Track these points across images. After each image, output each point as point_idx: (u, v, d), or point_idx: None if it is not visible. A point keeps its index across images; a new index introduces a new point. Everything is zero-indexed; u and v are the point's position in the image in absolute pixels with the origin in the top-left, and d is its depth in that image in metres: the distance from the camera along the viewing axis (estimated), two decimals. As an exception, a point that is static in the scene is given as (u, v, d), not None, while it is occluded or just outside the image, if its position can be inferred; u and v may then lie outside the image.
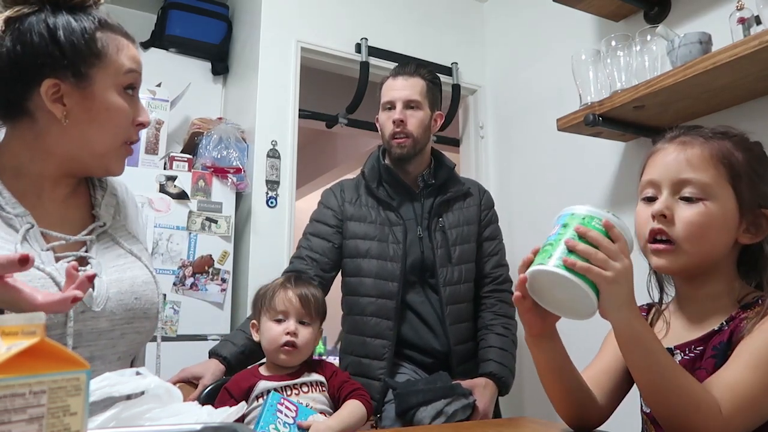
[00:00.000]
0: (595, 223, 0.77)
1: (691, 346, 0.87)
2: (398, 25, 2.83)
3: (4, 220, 0.88)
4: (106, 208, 1.03)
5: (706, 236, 0.86)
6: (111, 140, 0.94)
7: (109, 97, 0.91)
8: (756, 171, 0.88)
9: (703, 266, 0.89)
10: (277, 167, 2.46)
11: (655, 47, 1.78)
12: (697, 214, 0.86)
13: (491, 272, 1.81)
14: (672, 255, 0.88)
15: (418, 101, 1.74)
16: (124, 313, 0.92)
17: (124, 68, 0.92)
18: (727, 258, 0.89)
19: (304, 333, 1.31)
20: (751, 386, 0.76)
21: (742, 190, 0.86)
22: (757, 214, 0.87)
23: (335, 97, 3.03)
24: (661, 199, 0.89)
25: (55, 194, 0.96)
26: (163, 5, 2.75)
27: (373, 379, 1.62)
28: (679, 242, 0.86)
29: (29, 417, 0.38)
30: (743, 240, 0.87)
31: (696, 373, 0.84)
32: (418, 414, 1.48)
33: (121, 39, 0.94)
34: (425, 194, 1.78)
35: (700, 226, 0.86)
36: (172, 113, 2.52)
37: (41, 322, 0.40)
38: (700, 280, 0.91)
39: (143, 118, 0.97)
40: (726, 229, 0.87)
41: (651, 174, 0.92)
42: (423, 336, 1.69)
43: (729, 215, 0.86)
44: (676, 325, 0.94)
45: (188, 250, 2.22)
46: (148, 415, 0.68)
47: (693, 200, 0.86)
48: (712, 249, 0.87)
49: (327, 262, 1.72)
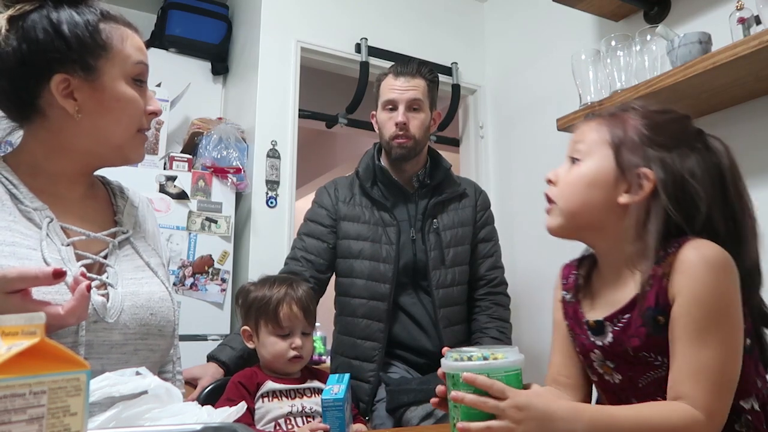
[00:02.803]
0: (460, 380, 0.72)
1: (619, 315, 0.86)
2: (398, 25, 2.83)
3: (23, 213, 0.87)
4: (128, 216, 1.03)
5: (574, 193, 0.89)
6: (125, 131, 0.94)
7: (118, 88, 0.91)
8: (645, 135, 0.87)
9: (583, 227, 0.91)
10: (277, 167, 2.46)
11: (655, 47, 1.78)
12: (569, 173, 0.91)
13: (486, 274, 1.78)
14: (551, 214, 0.92)
15: (420, 103, 1.72)
16: (138, 327, 0.90)
17: (132, 59, 0.92)
18: (610, 217, 0.88)
19: (308, 344, 1.32)
20: (708, 365, 0.75)
21: (621, 151, 0.87)
22: (637, 175, 0.85)
23: (335, 97, 3.02)
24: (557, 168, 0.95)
25: (72, 193, 0.95)
26: (163, 5, 2.75)
27: (362, 381, 1.61)
28: (557, 201, 0.91)
29: (29, 417, 0.38)
30: (622, 200, 0.86)
31: (630, 341, 0.84)
32: (408, 413, 1.47)
33: (125, 29, 0.94)
34: (420, 195, 1.76)
35: (569, 184, 0.90)
36: (172, 113, 2.52)
37: (41, 322, 0.40)
38: (586, 240, 0.94)
39: (154, 106, 0.97)
40: (596, 186, 0.87)
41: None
42: (415, 336, 1.68)
43: (601, 173, 0.87)
44: (603, 291, 0.93)
45: (188, 250, 2.22)
46: (148, 415, 0.68)
47: (575, 162, 0.91)
48: (582, 206, 0.88)
49: (322, 263, 1.71)
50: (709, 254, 0.79)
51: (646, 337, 0.82)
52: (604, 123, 0.90)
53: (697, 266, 0.78)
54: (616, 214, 0.87)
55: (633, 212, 0.85)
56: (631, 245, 0.85)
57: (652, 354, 0.83)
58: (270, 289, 1.33)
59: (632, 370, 0.87)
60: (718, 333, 0.77)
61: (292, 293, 1.32)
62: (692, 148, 0.86)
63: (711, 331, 0.76)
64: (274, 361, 1.29)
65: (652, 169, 0.84)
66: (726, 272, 0.79)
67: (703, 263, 0.78)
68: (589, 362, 0.93)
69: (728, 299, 0.78)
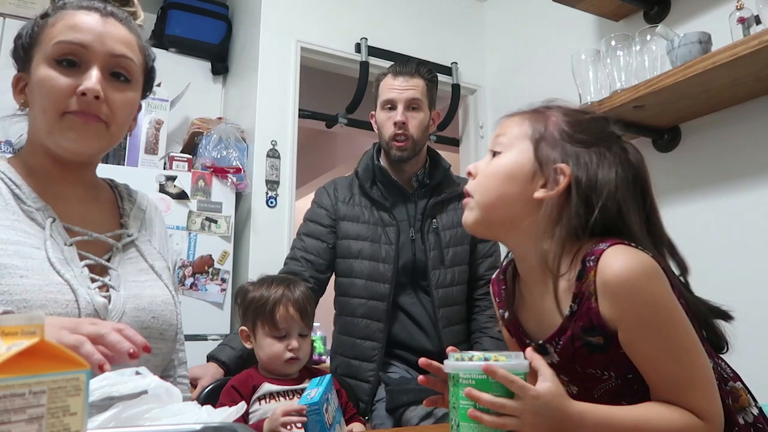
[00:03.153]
0: (472, 377, 0.69)
1: (555, 338, 0.84)
2: (398, 25, 2.83)
3: (26, 213, 0.87)
4: (135, 220, 1.02)
5: (490, 186, 0.87)
6: (45, 114, 0.88)
7: (38, 72, 0.88)
8: (566, 132, 0.86)
9: (497, 220, 0.88)
10: (276, 167, 2.46)
11: (655, 47, 1.78)
12: (488, 165, 0.88)
13: (485, 274, 1.78)
14: (468, 208, 0.90)
15: (419, 102, 1.72)
16: (140, 330, 0.88)
17: (54, 39, 0.88)
18: (525, 212, 0.85)
19: (305, 345, 1.31)
20: (688, 374, 0.74)
21: (541, 145, 0.85)
22: (554, 170, 0.84)
23: (335, 97, 3.02)
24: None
25: (72, 194, 0.95)
26: (163, 5, 2.75)
27: (362, 380, 1.61)
28: (473, 195, 0.89)
29: (29, 417, 0.38)
30: (537, 194, 0.84)
31: (575, 360, 0.82)
32: (407, 413, 1.47)
33: (69, 11, 0.91)
34: (419, 195, 1.76)
35: (486, 176, 0.88)
36: (171, 113, 2.52)
37: (41, 322, 0.40)
38: (502, 238, 0.92)
39: (83, 86, 0.86)
40: (512, 180, 0.85)
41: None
42: (415, 336, 1.68)
43: (519, 167, 0.85)
44: (531, 301, 0.91)
45: (188, 250, 2.22)
46: (148, 415, 0.68)
47: (495, 155, 0.89)
48: (498, 199, 0.86)
49: (322, 263, 1.71)
50: (632, 266, 0.75)
51: (588, 355, 0.81)
52: (527, 117, 0.90)
53: (627, 286, 0.74)
54: (531, 210, 0.85)
55: (546, 207, 0.83)
56: (544, 244, 0.82)
57: (599, 371, 0.82)
58: (267, 289, 1.32)
59: (585, 384, 0.86)
60: (678, 341, 0.75)
61: (289, 295, 1.31)
62: (609, 149, 0.85)
63: (671, 342, 0.75)
64: (270, 363, 1.29)
65: (569, 165, 0.83)
66: (655, 279, 0.76)
67: (632, 280, 0.74)
68: None
69: (670, 304, 0.76)
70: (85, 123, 0.88)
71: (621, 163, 0.85)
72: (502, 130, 0.91)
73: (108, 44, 0.89)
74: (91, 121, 0.88)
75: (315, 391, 1.06)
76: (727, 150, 1.84)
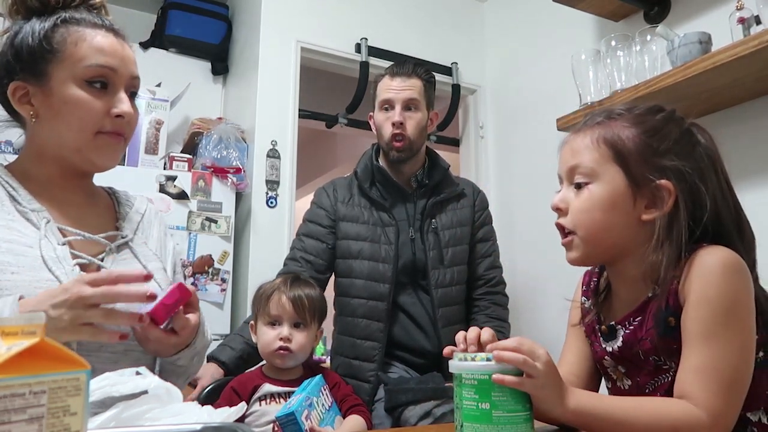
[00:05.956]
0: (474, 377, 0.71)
1: (630, 318, 0.85)
2: (398, 25, 2.83)
3: (21, 214, 0.90)
4: (130, 223, 1.05)
5: (593, 219, 0.84)
6: (78, 134, 0.92)
7: (66, 91, 0.91)
8: (649, 144, 0.83)
9: (608, 251, 0.86)
10: (276, 167, 2.46)
11: (655, 47, 1.78)
12: (581, 200, 0.85)
13: (484, 274, 1.79)
14: (572, 246, 0.87)
15: (416, 103, 1.73)
16: (130, 329, 0.90)
17: (84, 61, 0.91)
18: (636, 238, 0.84)
19: (299, 337, 1.28)
20: (715, 365, 0.74)
21: (630, 166, 0.83)
22: (656, 187, 0.82)
23: (335, 97, 3.02)
24: (558, 193, 0.89)
25: (68, 199, 0.97)
26: (163, 5, 2.74)
27: (363, 381, 1.61)
28: (576, 231, 0.86)
29: (29, 417, 0.38)
30: (645, 216, 0.83)
31: (641, 343, 0.83)
32: (406, 413, 1.47)
33: (87, 30, 0.93)
34: (418, 195, 1.76)
35: (584, 211, 0.84)
36: (171, 113, 2.51)
37: (41, 322, 0.40)
38: (618, 267, 0.89)
39: (119, 109, 0.94)
40: (615, 208, 0.83)
41: (558, 168, 0.92)
42: (414, 337, 1.68)
43: (617, 194, 0.83)
44: (617, 299, 0.92)
45: (188, 250, 2.22)
46: (148, 415, 0.68)
47: (581, 186, 0.85)
48: (605, 231, 0.84)
49: (321, 264, 1.71)
50: (722, 257, 0.78)
51: (657, 338, 0.81)
52: (596, 138, 0.85)
53: (709, 268, 0.77)
54: (639, 231, 0.84)
55: (657, 226, 0.82)
56: (650, 256, 0.82)
57: (662, 358, 0.82)
58: (272, 282, 1.36)
59: (641, 375, 0.86)
60: (726, 334, 0.75)
61: (288, 283, 1.33)
62: (692, 146, 0.85)
63: (718, 331, 0.75)
64: (263, 352, 1.29)
65: (670, 179, 0.82)
66: (738, 275, 0.78)
67: (715, 265, 0.77)
68: (604, 369, 0.94)
69: (738, 301, 0.77)
70: (117, 142, 0.96)
71: (704, 157, 0.85)
72: (576, 160, 0.86)
73: (129, 67, 0.97)
74: (120, 140, 0.97)
75: (295, 399, 1.07)
76: (727, 150, 1.82)
